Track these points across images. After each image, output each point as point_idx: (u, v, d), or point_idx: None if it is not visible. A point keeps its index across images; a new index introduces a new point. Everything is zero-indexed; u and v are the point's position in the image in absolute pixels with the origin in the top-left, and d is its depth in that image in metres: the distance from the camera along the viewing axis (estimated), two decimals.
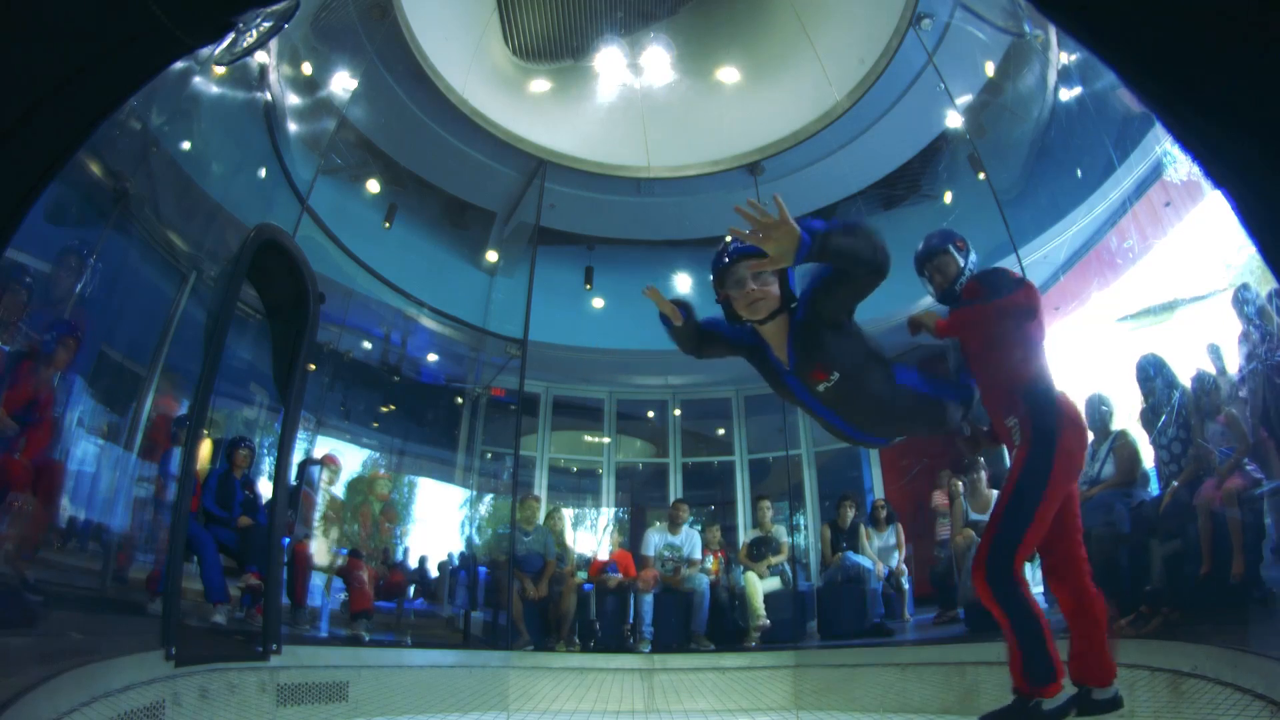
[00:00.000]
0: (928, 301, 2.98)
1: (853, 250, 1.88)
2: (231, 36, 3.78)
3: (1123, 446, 3.88)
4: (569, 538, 6.83)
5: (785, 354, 2.13)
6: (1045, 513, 2.37)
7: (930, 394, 2.34)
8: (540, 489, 7.48)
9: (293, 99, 5.53)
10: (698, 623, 5.64)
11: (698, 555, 6.05)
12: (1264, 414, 3.08)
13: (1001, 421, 2.54)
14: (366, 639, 5.13)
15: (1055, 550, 2.49)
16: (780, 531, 6.19)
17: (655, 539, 6.06)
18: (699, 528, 6.52)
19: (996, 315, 2.55)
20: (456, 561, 6.61)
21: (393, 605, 5.90)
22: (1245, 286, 3.22)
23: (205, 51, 3.73)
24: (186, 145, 4.12)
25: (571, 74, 7.11)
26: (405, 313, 7.12)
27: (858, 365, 2.11)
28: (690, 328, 2.22)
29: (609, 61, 6.91)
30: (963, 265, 2.77)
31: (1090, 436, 4.00)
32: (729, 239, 2.12)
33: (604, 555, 6.65)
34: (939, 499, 5.82)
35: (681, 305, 2.19)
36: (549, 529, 6.19)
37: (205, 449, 4.67)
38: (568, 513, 7.37)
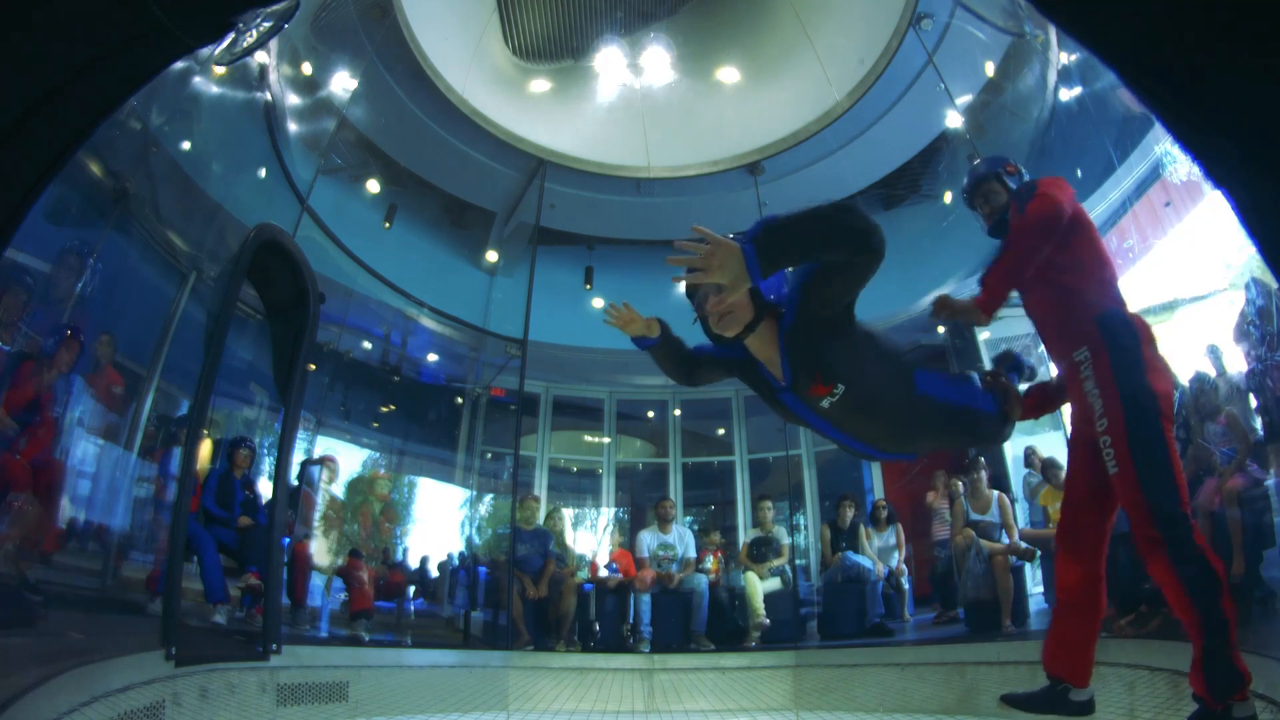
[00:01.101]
0: (927, 301, 2.96)
1: (820, 237, 1.58)
2: (231, 36, 3.78)
3: None
4: (569, 538, 6.83)
5: (779, 368, 1.81)
6: (1173, 445, 1.98)
7: (959, 402, 1.95)
8: (540, 489, 7.48)
9: (293, 99, 5.53)
10: (698, 623, 5.64)
11: (692, 554, 6.05)
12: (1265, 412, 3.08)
13: (1071, 359, 2.16)
14: (366, 639, 5.13)
15: (1091, 518, 2.17)
16: (781, 532, 6.19)
17: (648, 539, 6.06)
18: (695, 527, 6.53)
19: (1032, 234, 2.21)
20: (456, 561, 6.61)
21: (393, 605, 5.90)
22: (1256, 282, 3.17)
23: (205, 51, 3.73)
24: (186, 145, 4.12)
25: (571, 74, 7.11)
26: (405, 313, 7.12)
27: (866, 373, 1.78)
28: (672, 349, 2.02)
29: (609, 61, 6.91)
30: (1014, 191, 2.41)
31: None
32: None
33: (604, 555, 6.65)
34: (932, 499, 5.83)
35: (659, 321, 1.98)
36: (549, 529, 6.20)
37: (205, 449, 4.67)
38: (568, 513, 7.37)
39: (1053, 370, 2.52)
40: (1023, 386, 2.40)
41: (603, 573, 6.19)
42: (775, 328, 1.80)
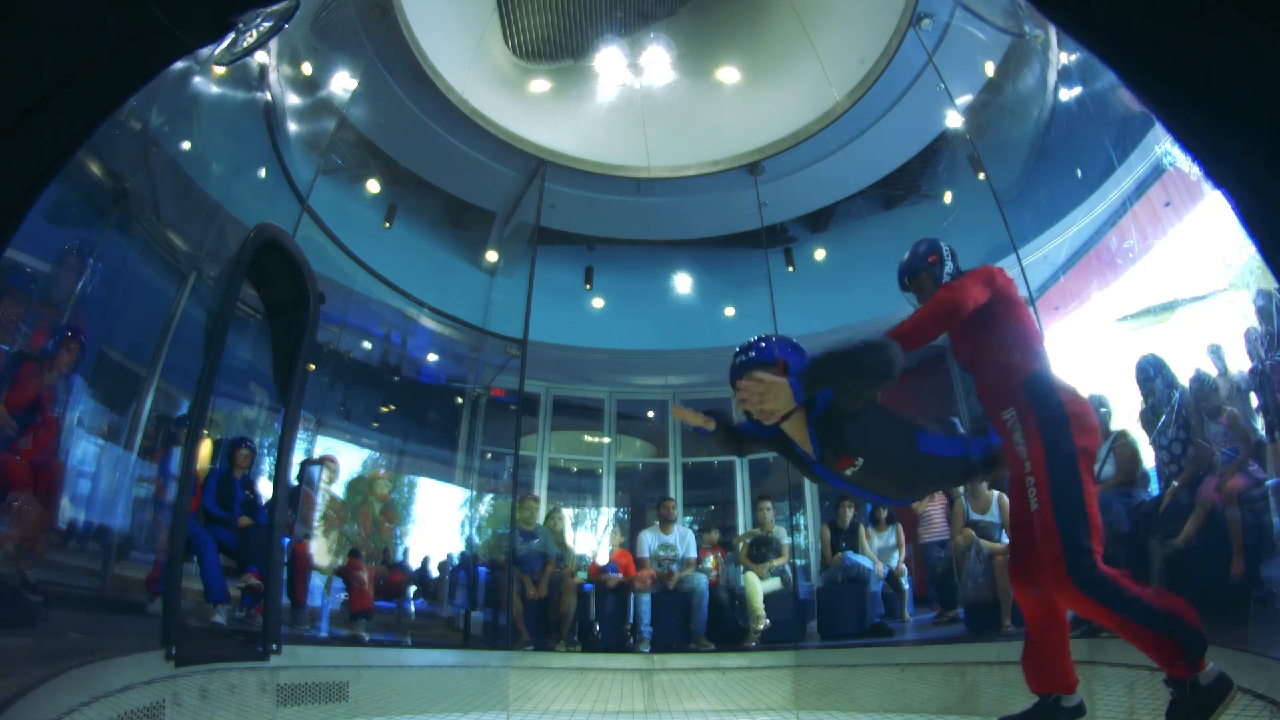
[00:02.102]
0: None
1: (848, 371, 2.04)
2: (231, 36, 3.78)
3: (1123, 447, 3.88)
4: (569, 538, 6.83)
5: (810, 446, 2.23)
6: (1091, 488, 2.21)
7: (953, 455, 2.35)
8: (540, 489, 7.48)
9: (293, 99, 5.53)
10: (697, 623, 5.64)
11: (693, 554, 6.05)
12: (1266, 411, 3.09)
13: (999, 417, 2.42)
14: (366, 639, 5.13)
15: (1035, 552, 2.34)
16: (781, 532, 6.19)
17: (649, 539, 6.06)
18: (694, 527, 6.53)
19: (929, 315, 2.45)
20: (456, 561, 6.61)
21: (393, 605, 5.90)
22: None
23: (205, 51, 3.73)
24: (186, 145, 4.12)
25: (571, 74, 7.11)
26: (405, 313, 7.12)
27: (879, 445, 2.19)
28: (724, 433, 2.41)
29: (609, 61, 6.91)
30: (939, 279, 2.70)
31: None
32: (736, 360, 2.32)
33: (604, 555, 6.65)
34: (922, 503, 5.80)
35: (712, 413, 2.39)
36: (549, 529, 6.19)
37: (205, 449, 4.67)
38: (568, 513, 7.37)
39: None
40: None
41: (601, 571, 6.19)
42: (805, 416, 2.21)
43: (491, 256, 7.81)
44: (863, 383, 2.06)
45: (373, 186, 6.83)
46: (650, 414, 8.66)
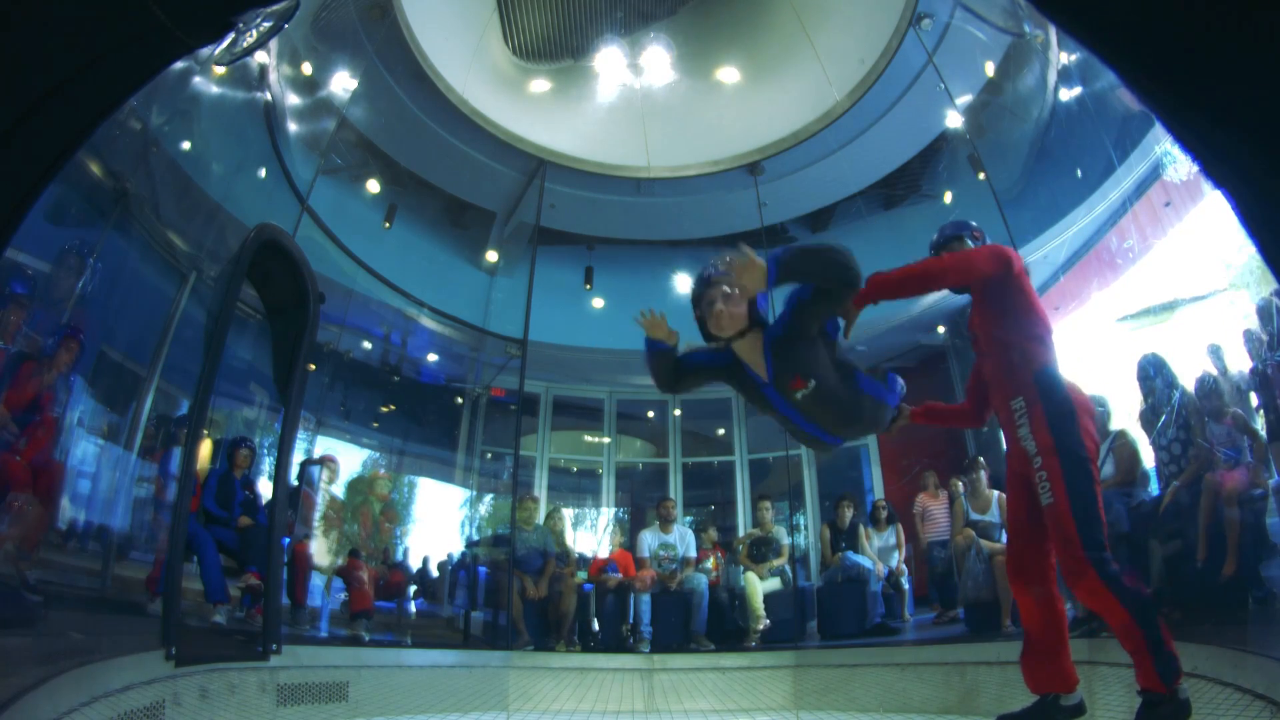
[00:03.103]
0: (928, 301, 2.99)
1: (820, 268, 2.15)
2: (231, 36, 3.78)
3: (1122, 446, 3.88)
4: (569, 538, 6.83)
5: (763, 368, 2.30)
6: (1098, 486, 2.28)
7: (880, 398, 2.43)
8: (540, 489, 7.48)
9: (293, 99, 5.53)
10: (697, 623, 5.64)
11: (693, 554, 6.05)
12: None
13: (1008, 406, 2.44)
14: (366, 639, 5.13)
15: (1035, 547, 2.41)
16: (781, 532, 6.19)
17: (649, 539, 6.06)
18: (694, 526, 6.53)
19: (953, 264, 2.56)
20: (456, 561, 6.61)
21: (393, 605, 5.90)
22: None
23: (205, 51, 3.73)
24: (186, 145, 4.12)
25: (571, 74, 7.10)
26: (405, 313, 7.12)
27: (829, 372, 2.27)
28: (672, 362, 2.45)
29: (609, 61, 6.91)
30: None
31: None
32: (705, 271, 2.37)
33: (604, 555, 6.65)
34: (925, 501, 5.80)
35: (676, 334, 2.42)
36: (549, 529, 6.19)
37: (205, 449, 4.67)
38: (568, 513, 7.37)
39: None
40: None
41: (601, 571, 6.18)
42: (760, 337, 2.30)
43: (491, 256, 7.81)
44: (832, 283, 2.15)
45: (373, 186, 6.83)
46: (650, 414, 8.66)
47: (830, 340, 2.31)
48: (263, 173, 5.12)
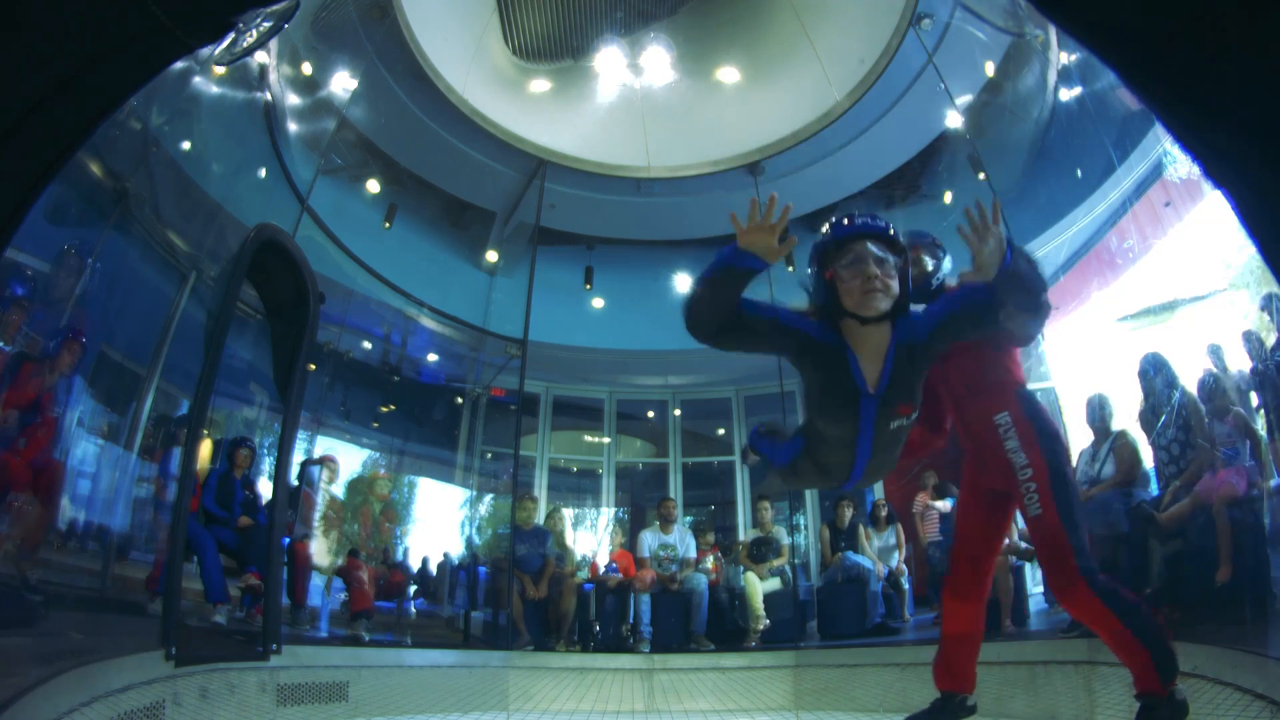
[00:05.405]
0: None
1: (1035, 281, 1.74)
2: (231, 36, 3.78)
3: (1123, 446, 3.88)
4: (569, 538, 6.82)
5: (877, 374, 1.75)
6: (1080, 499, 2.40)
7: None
8: (540, 489, 7.48)
9: (293, 99, 5.53)
10: (697, 623, 5.64)
11: (693, 554, 6.05)
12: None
13: (990, 420, 2.42)
14: (366, 639, 5.13)
15: (983, 565, 2.55)
16: (780, 532, 6.19)
17: (649, 539, 6.06)
18: (691, 526, 6.53)
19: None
20: (456, 561, 6.61)
21: (393, 605, 5.90)
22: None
23: (205, 51, 3.73)
24: (186, 145, 4.12)
25: (571, 74, 7.10)
26: (405, 313, 7.12)
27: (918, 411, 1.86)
28: (742, 287, 1.73)
29: (609, 61, 6.91)
30: (930, 269, 2.63)
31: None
32: (842, 214, 1.86)
33: (604, 555, 6.65)
34: (925, 500, 5.80)
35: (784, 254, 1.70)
36: (549, 529, 6.19)
37: (205, 449, 4.67)
38: (568, 513, 7.36)
39: None
40: None
41: (601, 571, 6.19)
42: (889, 334, 1.76)
43: (491, 256, 7.80)
44: (1033, 301, 1.74)
45: (373, 186, 6.83)
46: (650, 414, 8.66)
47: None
48: (263, 173, 5.12)
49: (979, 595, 2.54)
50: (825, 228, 1.85)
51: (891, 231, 1.78)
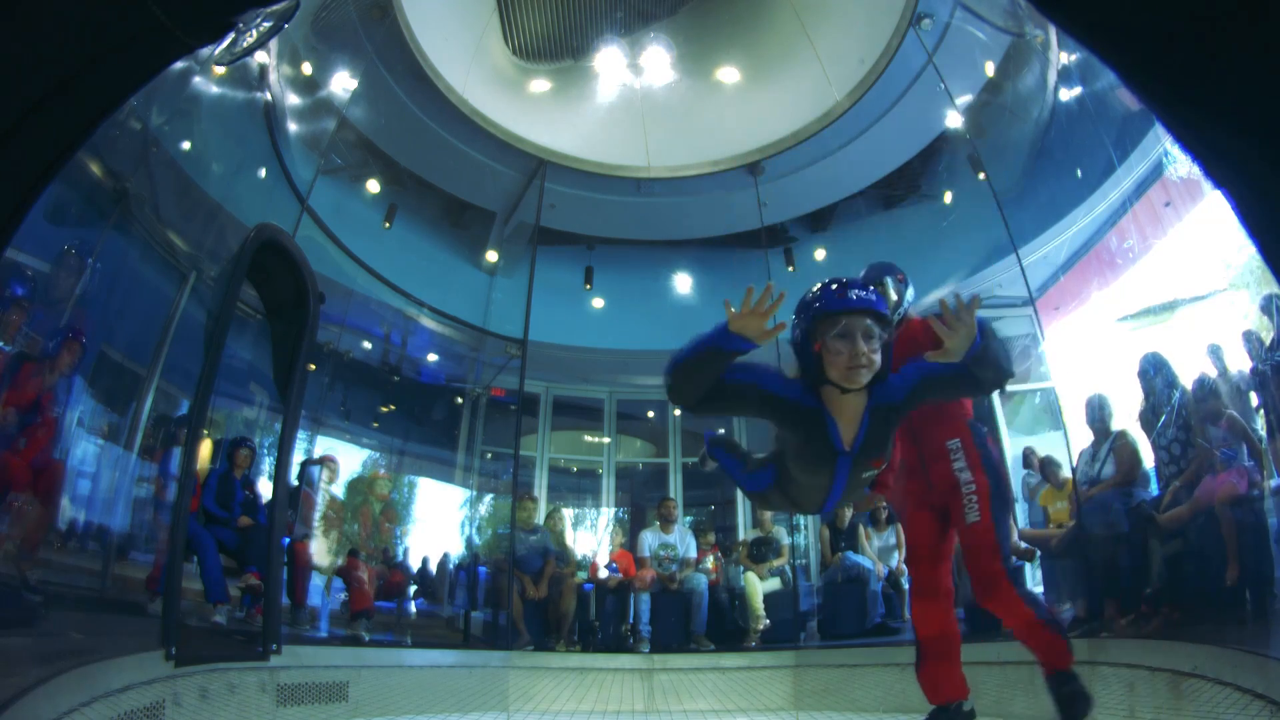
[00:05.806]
0: (927, 303, 3.01)
1: (1001, 361, 1.86)
2: (231, 36, 3.78)
3: (1123, 447, 3.88)
4: (569, 538, 6.82)
5: (853, 434, 1.88)
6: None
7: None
8: (540, 489, 7.47)
9: (293, 99, 5.53)
10: (697, 623, 5.64)
11: (693, 554, 6.05)
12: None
13: (943, 444, 2.74)
14: (366, 639, 5.13)
15: (939, 568, 2.74)
16: (780, 532, 6.19)
17: (649, 539, 6.06)
18: (691, 526, 6.53)
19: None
20: (456, 561, 6.60)
21: (393, 605, 5.89)
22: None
23: (205, 51, 3.73)
24: (186, 145, 4.12)
25: (571, 74, 7.10)
26: (405, 313, 7.12)
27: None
28: (724, 366, 1.83)
29: (609, 61, 6.91)
30: (897, 299, 2.89)
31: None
32: (835, 282, 1.87)
33: (604, 555, 6.65)
34: None
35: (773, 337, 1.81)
36: (549, 529, 6.19)
37: (205, 449, 4.67)
38: (568, 513, 7.36)
39: None
40: None
41: (603, 573, 6.18)
42: (864, 399, 1.88)
43: (491, 256, 7.80)
44: (999, 378, 1.90)
45: (373, 186, 6.82)
46: (650, 414, 8.66)
47: None
48: (262, 173, 5.12)
49: (944, 591, 2.74)
50: (817, 292, 1.90)
51: (877, 298, 1.87)
